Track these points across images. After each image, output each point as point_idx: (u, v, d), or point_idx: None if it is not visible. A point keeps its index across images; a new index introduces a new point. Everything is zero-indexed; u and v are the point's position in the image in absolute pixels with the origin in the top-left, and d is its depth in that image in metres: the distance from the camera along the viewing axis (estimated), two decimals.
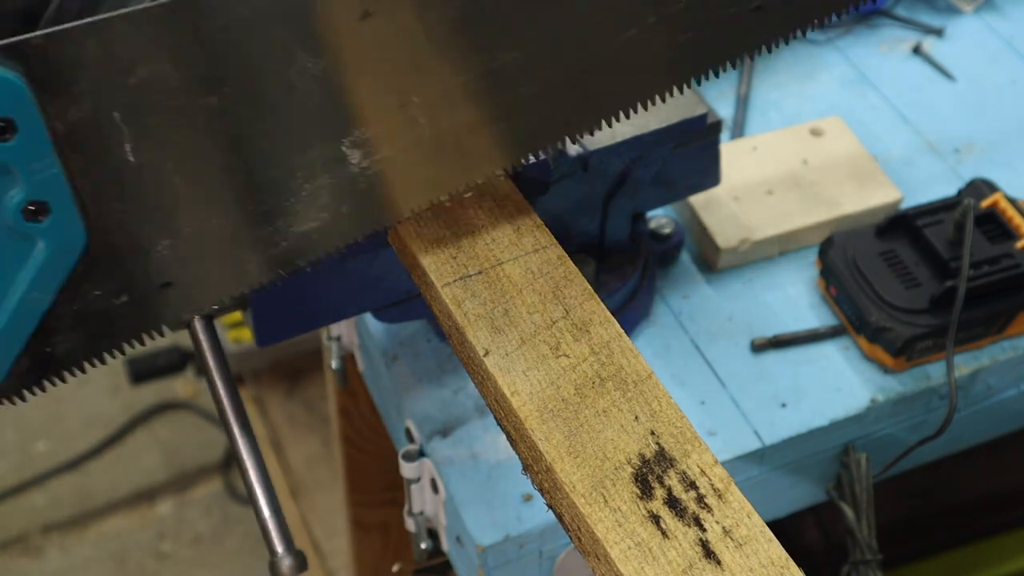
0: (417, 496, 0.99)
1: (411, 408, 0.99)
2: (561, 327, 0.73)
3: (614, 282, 0.99)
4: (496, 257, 0.76)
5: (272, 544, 0.80)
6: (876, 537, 0.98)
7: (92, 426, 2.23)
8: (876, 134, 1.18)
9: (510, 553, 0.92)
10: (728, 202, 1.08)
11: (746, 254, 1.07)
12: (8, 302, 0.62)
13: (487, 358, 0.72)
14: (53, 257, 0.62)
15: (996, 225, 1.03)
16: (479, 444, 0.96)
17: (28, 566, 2.08)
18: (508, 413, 0.71)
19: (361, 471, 1.43)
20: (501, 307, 0.74)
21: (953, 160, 1.17)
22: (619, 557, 0.64)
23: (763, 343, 1.02)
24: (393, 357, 1.02)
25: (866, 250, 1.03)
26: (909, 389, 0.99)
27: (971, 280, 0.98)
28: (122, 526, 2.14)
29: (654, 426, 0.69)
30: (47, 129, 0.58)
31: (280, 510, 0.81)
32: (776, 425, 0.97)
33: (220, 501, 2.16)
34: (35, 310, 0.63)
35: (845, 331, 1.03)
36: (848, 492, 0.99)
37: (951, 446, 1.07)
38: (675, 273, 1.08)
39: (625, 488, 0.67)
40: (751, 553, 0.64)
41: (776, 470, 0.99)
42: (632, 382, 0.71)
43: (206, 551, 2.10)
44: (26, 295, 0.62)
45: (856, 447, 1.00)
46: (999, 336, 1.02)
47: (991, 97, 1.23)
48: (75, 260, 0.62)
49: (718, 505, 0.66)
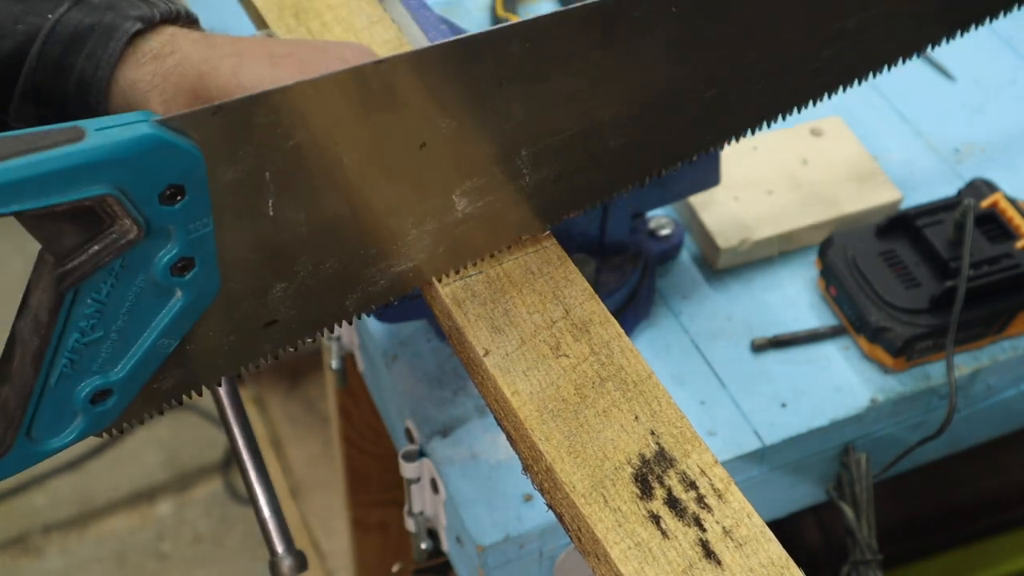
0: (417, 496, 0.99)
1: (411, 408, 0.99)
2: (561, 327, 0.73)
3: (614, 282, 0.99)
4: (496, 257, 0.76)
5: (272, 544, 0.80)
6: (876, 537, 0.98)
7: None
8: (876, 134, 1.18)
9: (510, 553, 0.92)
10: (728, 202, 1.08)
11: (746, 254, 1.07)
12: (140, 349, 0.64)
13: (487, 358, 0.72)
14: (188, 307, 0.64)
15: (996, 225, 1.03)
16: (479, 444, 0.96)
17: (28, 566, 2.08)
18: (508, 413, 0.71)
19: (361, 471, 1.43)
20: (501, 307, 0.74)
21: (953, 160, 1.17)
22: (619, 557, 0.64)
23: (763, 343, 1.02)
24: (393, 357, 1.02)
25: (866, 250, 1.02)
26: (909, 389, 0.99)
27: (971, 280, 0.98)
28: (122, 526, 2.14)
29: (654, 426, 0.69)
30: (209, 192, 0.61)
31: (280, 510, 0.81)
32: (776, 425, 0.97)
33: (220, 501, 2.16)
34: (161, 354, 0.65)
35: (845, 331, 1.03)
36: (848, 492, 0.99)
37: (951, 446, 1.07)
38: (675, 273, 1.08)
39: (625, 488, 0.67)
40: (751, 553, 0.64)
41: (776, 470, 0.99)
42: (632, 382, 0.71)
43: (206, 551, 2.10)
44: (156, 341, 0.64)
45: (856, 447, 1.00)
46: (999, 336, 1.02)
47: (991, 97, 1.23)
48: (206, 308, 0.65)
49: (718, 505, 0.66)
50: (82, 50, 0.71)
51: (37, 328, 0.60)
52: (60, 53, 0.72)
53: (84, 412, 0.64)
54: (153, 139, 0.58)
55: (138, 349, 0.64)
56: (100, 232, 0.59)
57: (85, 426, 0.65)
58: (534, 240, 0.77)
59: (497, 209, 0.72)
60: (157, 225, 0.60)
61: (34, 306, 0.60)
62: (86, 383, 0.63)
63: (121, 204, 0.58)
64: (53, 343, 0.61)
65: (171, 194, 0.59)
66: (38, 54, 0.72)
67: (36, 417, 0.63)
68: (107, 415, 0.65)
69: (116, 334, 0.62)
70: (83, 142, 0.56)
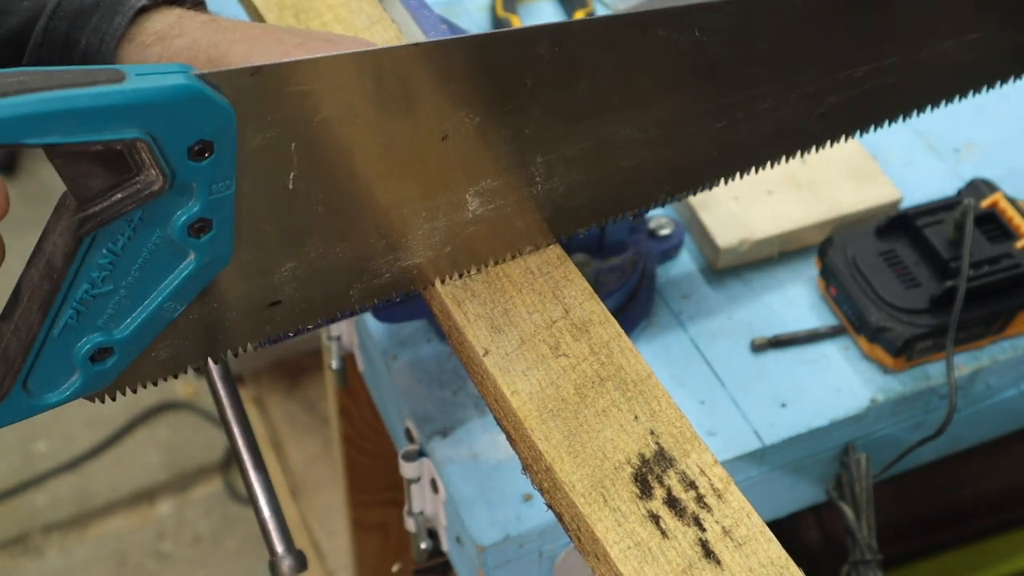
0: (417, 496, 0.99)
1: (411, 408, 0.99)
2: (561, 327, 0.73)
3: (614, 282, 0.99)
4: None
5: (272, 544, 0.80)
6: (876, 537, 0.98)
7: (92, 426, 2.22)
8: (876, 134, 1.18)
9: (510, 553, 0.92)
10: (728, 202, 1.08)
11: (746, 254, 1.07)
12: (145, 310, 0.64)
13: (487, 358, 0.72)
14: (199, 271, 0.64)
15: (996, 225, 1.03)
16: (479, 444, 0.96)
17: (28, 566, 2.08)
18: (508, 413, 0.71)
19: (361, 471, 1.43)
20: (501, 307, 0.74)
21: (953, 160, 1.17)
22: (619, 557, 0.64)
23: (763, 343, 1.02)
24: (393, 357, 1.02)
25: (866, 250, 1.02)
26: (909, 389, 0.99)
27: (971, 280, 0.98)
28: (122, 526, 2.14)
29: (654, 426, 0.69)
30: (236, 154, 0.61)
31: (280, 510, 0.81)
32: (776, 425, 0.97)
33: (220, 501, 2.16)
34: (165, 319, 0.65)
35: (845, 331, 1.03)
36: (848, 492, 0.99)
37: (951, 446, 1.07)
38: (675, 273, 1.08)
39: (625, 488, 0.67)
40: (751, 553, 0.64)
41: (776, 470, 0.99)
42: (632, 382, 0.71)
43: (206, 551, 2.10)
44: (162, 304, 0.64)
45: (856, 447, 1.00)
46: (999, 336, 1.02)
47: (991, 97, 1.22)
48: (215, 275, 0.65)
49: (718, 505, 0.66)
50: (87, 25, 0.71)
51: (50, 272, 0.60)
52: (66, 28, 0.72)
53: (83, 369, 0.64)
54: (191, 89, 0.58)
55: (144, 310, 0.64)
56: (126, 179, 0.59)
57: (82, 384, 0.65)
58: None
59: (507, 214, 0.72)
60: (182, 179, 0.60)
61: (48, 251, 0.60)
62: (89, 338, 0.63)
63: (151, 151, 0.58)
64: (63, 290, 0.61)
65: (200, 149, 0.59)
66: (44, 30, 0.72)
67: (35, 367, 0.63)
68: (105, 375, 0.65)
69: (125, 290, 0.62)
70: (123, 83, 0.56)
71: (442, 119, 0.67)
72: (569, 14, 1.28)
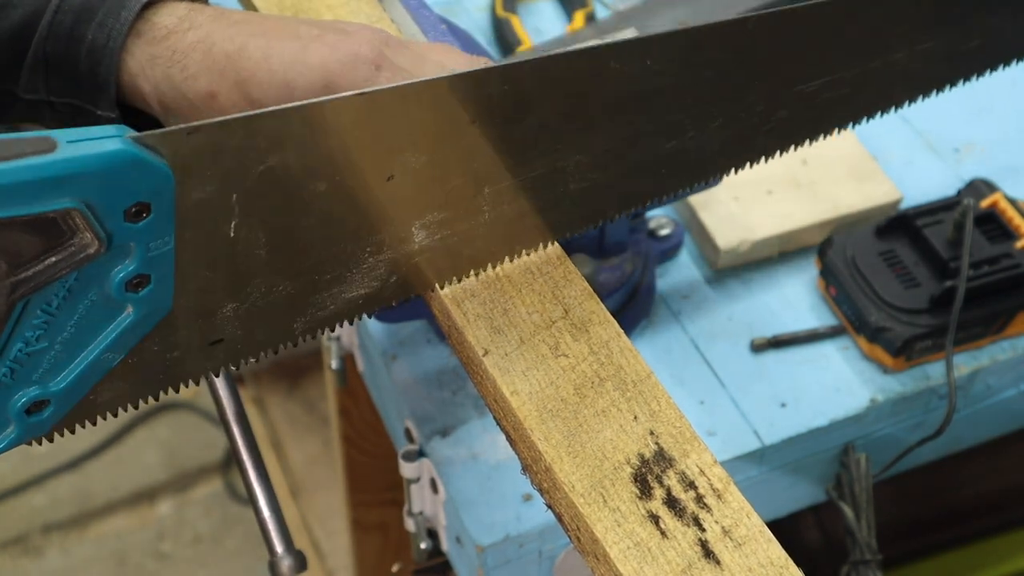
0: (417, 496, 0.99)
1: (411, 408, 0.99)
2: (560, 327, 0.73)
3: (614, 282, 0.99)
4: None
5: (272, 544, 0.80)
6: (876, 537, 0.98)
7: (92, 426, 2.23)
8: (876, 134, 1.18)
9: (510, 553, 0.92)
10: (728, 202, 1.08)
11: (746, 254, 1.07)
12: (83, 362, 0.63)
13: (486, 358, 0.72)
14: (138, 323, 0.63)
15: (996, 225, 1.03)
16: (479, 444, 0.96)
17: (28, 566, 2.08)
18: (507, 413, 0.71)
19: (361, 471, 1.43)
20: (500, 307, 0.74)
21: (953, 160, 1.17)
22: (618, 557, 0.64)
23: (763, 343, 1.02)
24: (393, 357, 1.02)
25: (866, 250, 1.03)
26: (909, 389, 0.99)
27: (971, 280, 0.98)
28: (122, 526, 2.14)
29: (653, 426, 0.69)
30: (175, 211, 0.60)
31: (280, 510, 0.81)
32: (776, 425, 0.97)
33: (220, 501, 2.16)
34: (103, 368, 0.64)
35: (845, 331, 1.03)
36: (848, 492, 0.99)
37: (951, 446, 1.07)
38: (675, 273, 1.08)
39: (624, 488, 0.67)
40: (750, 553, 0.64)
41: (776, 470, 0.99)
42: (631, 382, 0.71)
43: (206, 551, 2.10)
44: (100, 355, 0.63)
45: (856, 447, 1.00)
46: (999, 336, 1.02)
47: (991, 97, 1.23)
48: (155, 325, 0.64)
49: (717, 505, 0.66)
50: (93, 19, 0.71)
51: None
52: (71, 23, 0.71)
53: (18, 421, 0.63)
54: (125, 155, 0.57)
55: (81, 362, 0.63)
56: (59, 244, 0.57)
57: (17, 435, 0.64)
58: None
59: (453, 243, 0.72)
60: (119, 241, 0.59)
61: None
62: (23, 392, 0.62)
63: (85, 218, 0.57)
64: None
65: (137, 211, 0.58)
66: (49, 24, 0.72)
67: None
68: (41, 425, 0.64)
69: (60, 346, 0.61)
70: (54, 153, 0.55)
71: (388, 161, 0.67)
72: (569, 14, 1.28)
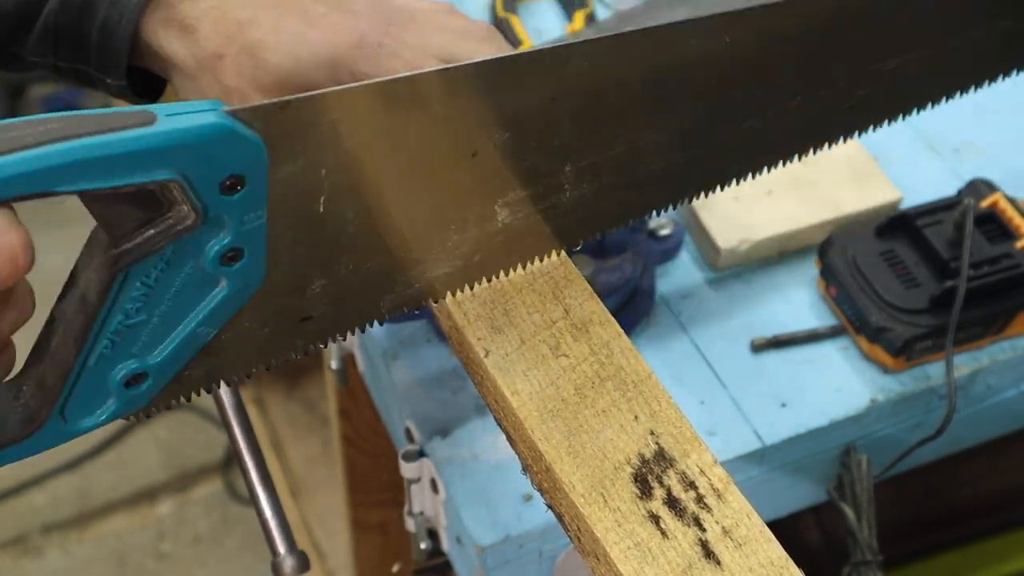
0: (417, 496, 0.99)
1: (411, 408, 0.99)
2: (561, 327, 0.73)
3: (614, 282, 0.99)
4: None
5: (274, 544, 0.80)
6: (876, 538, 0.98)
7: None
8: (876, 134, 1.18)
9: (510, 553, 0.92)
10: (728, 202, 1.08)
11: (746, 254, 1.07)
12: (179, 335, 0.64)
13: (487, 358, 0.72)
14: (231, 297, 0.64)
15: (996, 225, 1.03)
16: (479, 444, 0.96)
17: (28, 566, 2.08)
18: (508, 413, 0.71)
19: (361, 471, 1.43)
20: (501, 307, 0.74)
21: (953, 160, 1.17)
22: (618, 557, 0.64)
23: (763, 343, 1.02)
24: (393, 357, 1.02)
25: (866, 250, 1.02)
26: (909, 389, 0.99)
27: (971, 280, 0.98)
28: (122, 526, 2.14)
29: (653, 426, 0.69)
30: (267, 184, 0.61)
31: (282, 510, 0.82)
32: (776, 425, 0.97)
33: (220, 501, 2.16)
34: (199, 342, 0.65)
35: (845, 331, 1.03)
36: (849, 493, 0.99)
37: (951, 446, 1.07)
38: (675, 273, 1.08)
39: (624, 488, 0.67)
40: (751, 553, 0.64)
41: (776, 470, 0.99)
42: (632, 382, 0.71)
43: (206, 551, 2.11)
44: (195, 329, 0.64)
45: (857, 447, 1.00)
46: (999, 336, 1.02)
47: (991, 97, 1.22)
48: (248, 299, 0.65)
49: (717, 505, 0.66)
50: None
51: (84, 307, 0.61)
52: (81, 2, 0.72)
53: (117, 394, 0.64)
54: (222, 128, 0.58)
55: (177, 335, 0.64)
56: (158, 216, 0.59)
57: (117, 408, 0.65)
58: None
59: (535, 222, 0.73)
60: (214, 214, 0.60)
61: (82, 285, 0.61)
62: (123, 366, 0.63)
63: (183, 190, 0.58)
64: (98, 324, 0.61)
65: (231, 184, 0.60)
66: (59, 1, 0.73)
67: (71, 396, 0.63)
68: (139, 398, 0.66)
69: (158, 319, 0.63)
70: (153, 126, 0.57)
71: (471, 137, 0.67)
72: (569, 14, 1.28)
